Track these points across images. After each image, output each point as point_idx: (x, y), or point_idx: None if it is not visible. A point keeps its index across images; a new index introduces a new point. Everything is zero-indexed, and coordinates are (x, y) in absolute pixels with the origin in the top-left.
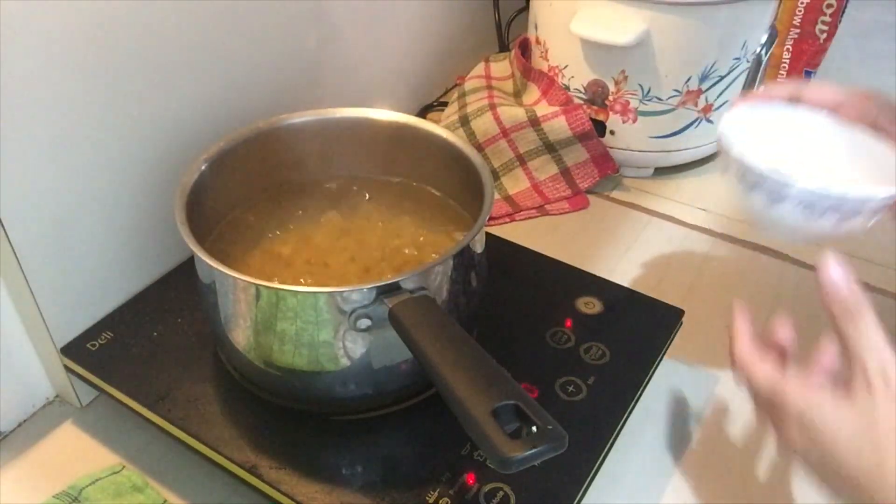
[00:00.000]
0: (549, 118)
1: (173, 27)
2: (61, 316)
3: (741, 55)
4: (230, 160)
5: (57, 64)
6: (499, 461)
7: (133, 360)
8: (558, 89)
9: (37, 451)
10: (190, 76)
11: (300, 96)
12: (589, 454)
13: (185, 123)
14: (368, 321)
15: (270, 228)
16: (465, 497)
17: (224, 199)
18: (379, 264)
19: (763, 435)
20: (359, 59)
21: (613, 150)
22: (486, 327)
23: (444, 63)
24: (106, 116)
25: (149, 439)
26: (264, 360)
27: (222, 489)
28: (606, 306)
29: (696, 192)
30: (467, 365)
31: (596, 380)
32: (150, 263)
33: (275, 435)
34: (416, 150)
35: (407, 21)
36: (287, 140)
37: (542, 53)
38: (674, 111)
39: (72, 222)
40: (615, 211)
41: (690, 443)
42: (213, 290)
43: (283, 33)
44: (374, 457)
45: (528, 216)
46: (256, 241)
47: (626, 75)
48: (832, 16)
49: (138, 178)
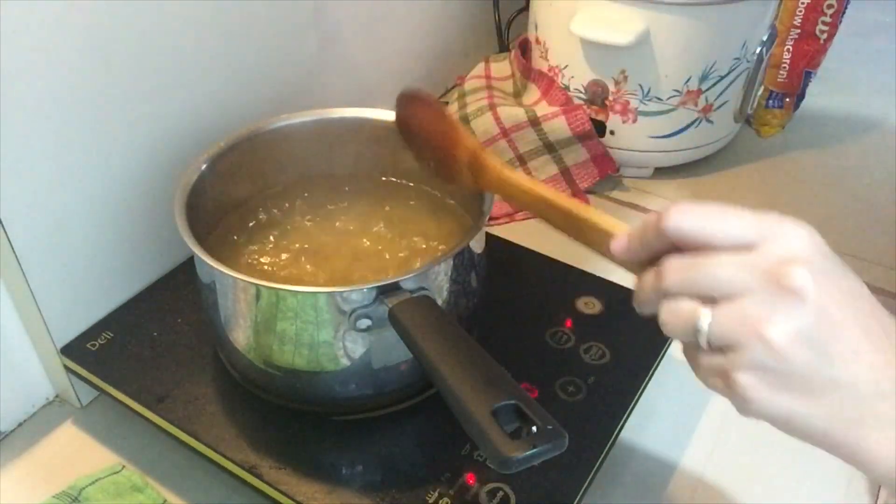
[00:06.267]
0: (549, 118)
1: (173, 28)
2: (61, 316)
3: (741, 55)
4: (230, 160)
5: (57, 64)
6: (499, 461)
7: (133, 360)
8: (558, 89)
9: (37, 451)
10: (190, 76)
11: (300, 96)
12: (589, 454)
13: (185, 123)
14: (368, 321)
15: (270, 228)
16: (465, 497)
17: (224, 199)
18: (379, 264)
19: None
20: (359, 59)
21: (613, 150)
22: (486, 327)
23: (444, 63)
24: (106, 117)
25: (149, 439)
26: (264, 360)
27: (222, 489)
28: (606, 306)
29: (697, 192)
30: (467, 365)
31: (596, 380)
32: (150, 263)
33: (275, 435)
34: None
35: (407, 21)
36: (287, 140)
37: (542, 53)
38: (674, 111)
39: (72, 222)
40: (615, 211)
41: (690, 443)
42: (213, 290)
43: (283, 34)
44: (374, 457)
45: (528, 216)
46: (256, 241)
47: (626, 75)
48: (833, 16)
49: (138, 178)
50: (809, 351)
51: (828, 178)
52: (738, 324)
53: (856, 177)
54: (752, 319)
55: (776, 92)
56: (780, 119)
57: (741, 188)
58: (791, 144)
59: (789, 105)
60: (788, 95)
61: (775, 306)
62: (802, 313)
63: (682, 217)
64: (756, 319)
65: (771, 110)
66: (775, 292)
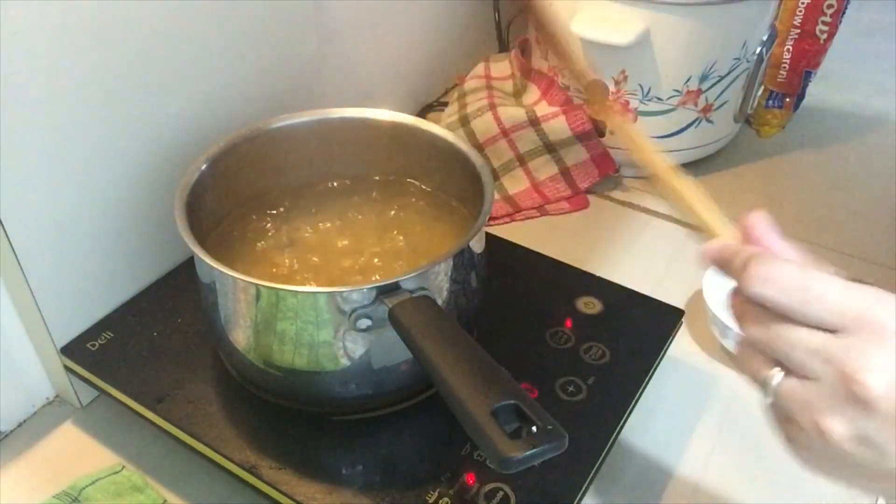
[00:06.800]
0: (548, 118)
1: (173, 28)
2: (61, 316)
3: (741, 55)
4: (230, 160)
5: (57, 64)
6: (499, 461)
7: (133, 360)
8: (558, 89)
9: (37, 451)
10: (190, 76)
11: (300, 96)
12: (589, 454)
13: (185, 123)
14: (368, 321)
15: (270, 228)
16: (465, 497)
17: (224, 199)
18: (379, 264)
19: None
20: (359, 59)
21: (613, 150)
22: (486, 327)
23: (444, 63)
24: (106, 117)
25: (149, 439)
26: (264, 360)
27: (222, 489)
28: (606, 306)
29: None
30: (467, 365)
31: (596, 380)
32: (150, 263)
33: (275, 435)
34: (416, 150)
35: (407, 21)
36: (287, 140)
37: (543, 53)
38: (674, 111)
39: (71, 223)
40: (615, 211)
41: (690, 443)
42: (213, 290)
43: (283, 34)
44: (374, 457)
45: (528, 216)
46: (257, 240)
47: (626, 75)
48: (833, 16)
49: (138, 178)
50: (867, 450)
51: (828, 178)
52: (800, 405)
53: (856, 177)
54: (816, 408)
55: (776, 92)
56: (780, 119)
57: (741, 188)
58: (791, 144)
59: (789, 105)
60: (788, 95)
61: (842, 407)
62: (868, 421)
63: (765, 287)
64: (819, 410)
65: (771, 110)
66: (845, 394)
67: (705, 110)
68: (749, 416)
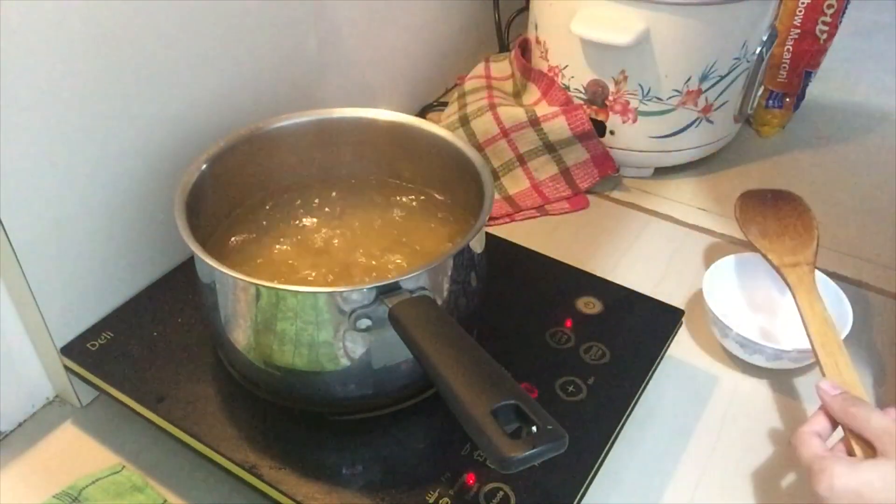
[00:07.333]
0: (549, 118)
1: (173, 27)
2: (61, 316)
3: (741, 55)
4: (230, 160)
5: (57, 64)
6: (499, 461)
7: (133, 360)
8: (558, 89)
9: (37, 451)
10: (190, 76)
11: (300, 96)
12: (589, 454)
13: (185, 123)
14: (368, 321)
15: (270, 228)
16: (465, 497)
17: (224, 199)
18: (379, 264)
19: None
20: (359, 59)
21: (613, 150)
22: (486, 327)
23: (444, 63)
24: (106, 116)
25: (149, 439)
26: (264, 360)
27: (222, 489)
28: (606, 306)
29: (696, 192)
30: (467, 365)
31: (596, 380)
32: (150, 263)
33: (275, 435)
34: (416, 150)
35: (407, 21)
36: (287, 140)
37: (542, 53)
38: (674, 111)
39: (71, 223)
40: (615, 211)
41: (690, 443)
42: (213, 290)
43: (283, 33)
44: (374, 457)
45: (528, 216)
46: (256, 240)
47: (626, 75)
48: (833, 16)
49: (138, 178)
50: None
51: (828, 177)
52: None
53: (856, 176)
54: None
55: (776, 92)
56: (780, 119)
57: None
58: (791, 144)
59: (789, 105)
60: (788, 95)
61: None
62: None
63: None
64: None
65: (771, 110)
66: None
67: (705, 110)
68: (749, 416)
